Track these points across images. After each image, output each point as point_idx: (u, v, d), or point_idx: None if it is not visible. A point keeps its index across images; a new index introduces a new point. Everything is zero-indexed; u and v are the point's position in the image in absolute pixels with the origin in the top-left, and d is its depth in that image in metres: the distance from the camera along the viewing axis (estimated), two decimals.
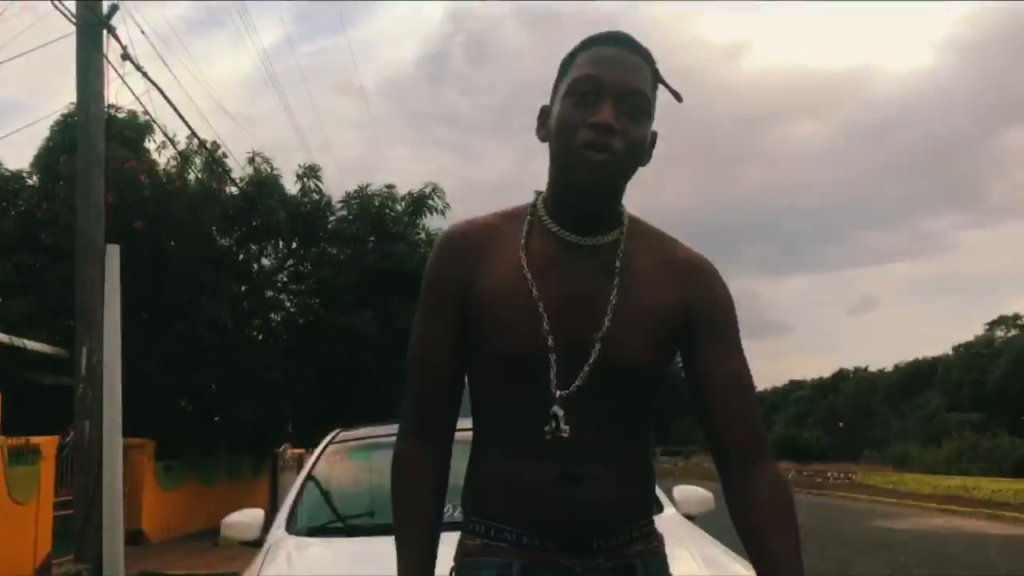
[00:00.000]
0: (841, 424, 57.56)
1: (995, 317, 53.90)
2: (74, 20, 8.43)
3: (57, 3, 8.17)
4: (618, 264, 1.44)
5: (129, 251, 8.52)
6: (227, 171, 14.59)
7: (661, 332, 1.43)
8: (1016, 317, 52.39)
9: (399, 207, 17.13)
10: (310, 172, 15.91)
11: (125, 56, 9.12)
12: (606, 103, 1.36)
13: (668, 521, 3.62)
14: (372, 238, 16.63)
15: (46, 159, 14.82)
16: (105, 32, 8.82)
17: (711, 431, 1.44)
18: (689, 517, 3.88)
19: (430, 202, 17.32)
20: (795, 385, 78.63)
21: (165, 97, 10.41)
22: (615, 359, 1.39)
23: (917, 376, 60.28)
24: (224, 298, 14.13)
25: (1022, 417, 34.51)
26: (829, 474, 32.80)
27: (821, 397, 68.60)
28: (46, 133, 15.10)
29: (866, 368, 68.79)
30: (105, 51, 8.88)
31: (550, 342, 1.38)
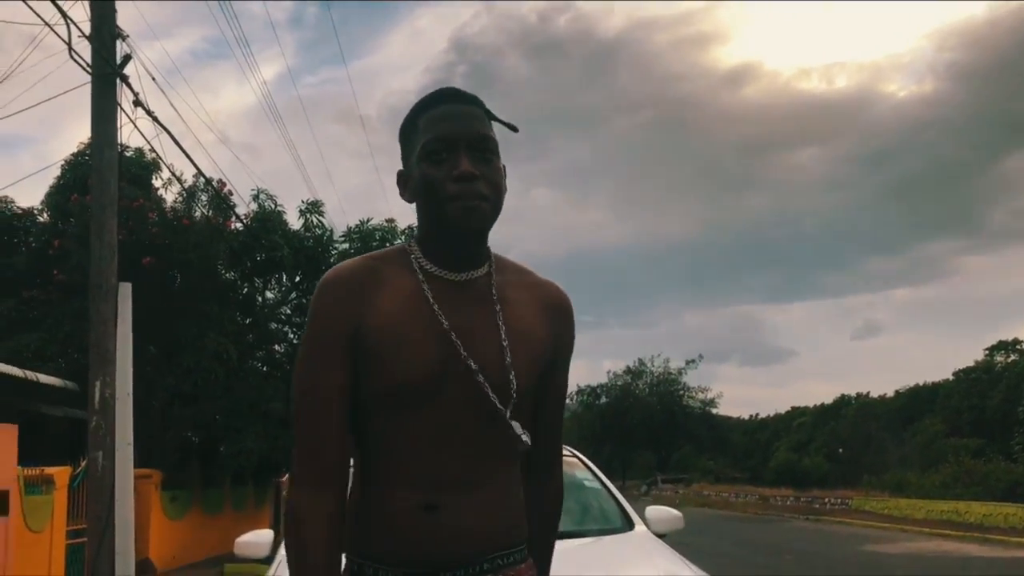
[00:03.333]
0: (841, 450, 57.54)
1: (995, 342, 54.07)
2: (90, 70, 8.87)
3: (74, 54, 8.61)
4: (495, 295, 1.55)
5: (138, 287, 8.89)
6: (232, 207, 15.04)
7: (538, 358, 1.56)
8: (1016, 342, 52.48)
9: (399, 241, 17.54)
10: (312, 208, 16.35)
11: (137, 103, 9.57)
12: (461, 155, 1.48)
13: (638, 538, 4.02)
14: None
15: (57, 197, 15.27)
16: (118, 80, 9.28)
17: (534, 424, 1.61)
18: (660, 535, 4.23)
19: None
20: (797, 411, 78.55)
21: (174, 140, 10.89)
22: (494, 379, 1.49)
23: (918, 402, 60.26)
24: (230, 331, 14.53)
25: (1011, 442, 34.63)
26: (827, 500, 32.93)
27: (822, 423, 68.53)
28: (57, 172, 15.60)
29: (867, 394, 68.82)
30: (118, 98, 9.34)
31: (472, 364, 1.47)
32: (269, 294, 16.96)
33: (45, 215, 15.91)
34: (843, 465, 53.80)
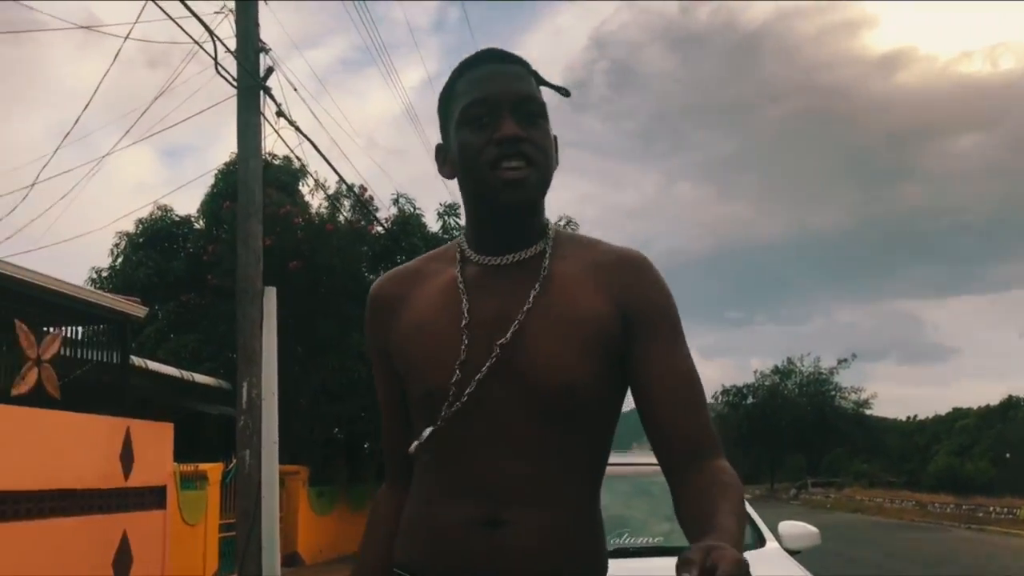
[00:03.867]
0: (1009, 455, 54.11)
1: None
2: (235, 84, 9.26)
3: (220, 69, 9.00)
4: (542, 275, 1.34)
5: (285, 290, 9.23)
6: (375, 211, 15.45)
7: (590, 341, 1.30)
8: None
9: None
10: (450, 210, 16.60)
11: (280, 113, 9.92)
12: (504, 117, 1.31)
13: (768, 556, 3.83)
14: None
15: (211, 205, 16.09)
16: (262, 92, 9.65)
17: (653, 432, 1.32)
18: (793, 552, 4.03)
19: None
20: (959, 413, 74.48)
21: (316, 149, 11.25)
22: (527, 370, 1.28)
23: None
24: None
25: None
26: (992, 509, 30.97)
27: (987, 426, 64.69)
28: (211, 181, 16.43)
29: None
30: (262, 109, 9.72)
31: (462, 356, 1.30)
32: None
33: (201, 222, 16.78)
34: (1011, 471, 50.60)
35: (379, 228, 15.45)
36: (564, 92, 1.44)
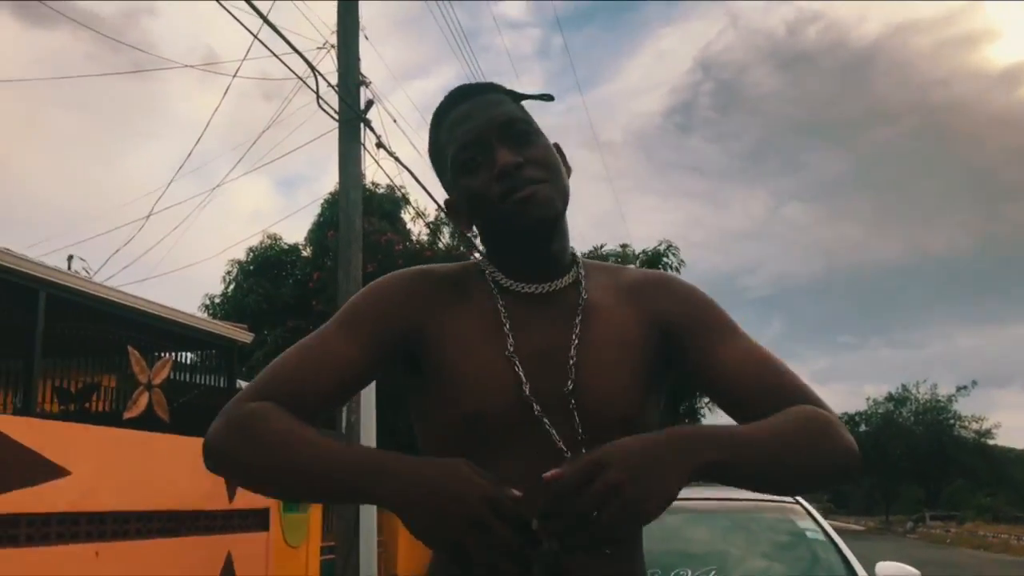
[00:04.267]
0: None
1: None
2: (336, 117, 9.55)
3: (322, 103, 9.30)
4: (580, 305, 1.30)
5: None
6: (473, 237, 15.62)
7: (637, 369, 1.28)
8: None
9: (634, 266, 17.52)
10: None
11: (379, 145, 10.18)
12: (496, 149, 1.27)
13: None
14: None
15: (317, 233, 16.61)
16: (362, 125, 9.92)
17: (736, 411, 1.26)
18: None
19: (664, 260, 17.59)
20: None
21: (415, 178, 11.45)
22: (583, 403, 1.23)
23: None
24: None
25: None
26: None
27: None
28: (317, 210, 16.96)
29: None
30: (363, 140, 9.99)
31: (526, 391, 1.22)
32: None
33: (308, 250, 17.31)
34: None
35: (476, 254, 15.63)
36: (547, 97, 1.39)
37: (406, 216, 16.90)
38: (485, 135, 1.27)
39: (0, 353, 7.65)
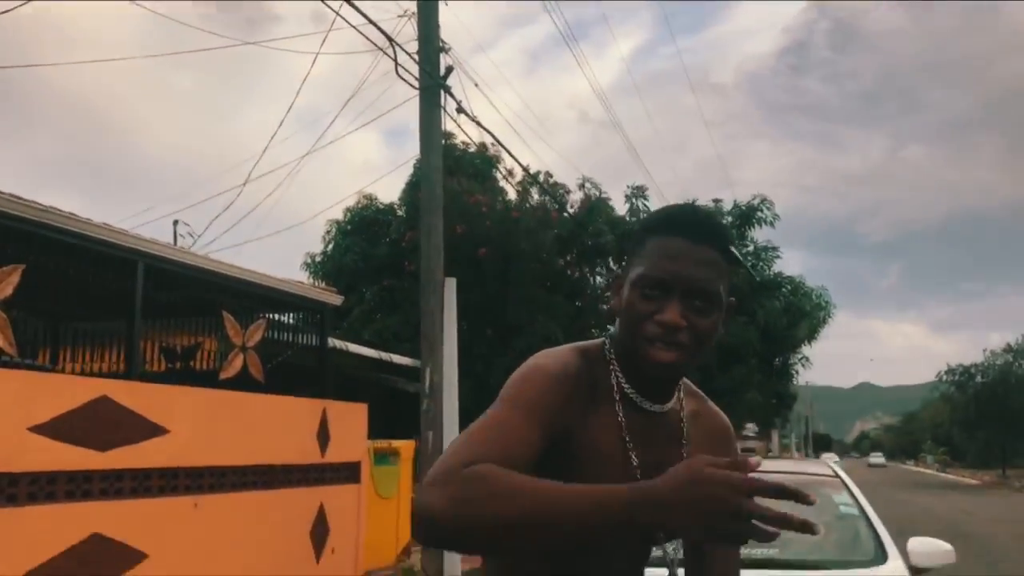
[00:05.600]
0: None
1: None
2: (416, 85, 9.78)
3: (400, 70, 9.53)
4: (684, 431, 1.55)
5: (475, 276, 9.73)
6: (561, 195, 15.74)
7: None
8: None
9: (726, 220, 17.33)
10: (638, 192, 16.65)
11: (460, 110, 10.38)
12: (672, 302, 1.39)
13: (888, 573, 3.71)
14: None
15: (410, 194, 16.94)
16: (442, 91, 10.13)
17: None
18: (921, 570, 3.88)
19: (759, 214, 17.34)
20: None
21: (498, 142, 11.60)
22: None
23: None
24: (559, 315, 15.29)
25: None
26: None
27: None
28: (410, 170, 17.28)
29: None
30: (443, 107, 10.20)
31: None
32: (599, 279, 17.57)
33: (402, 210, 17.69)
34: None
35: (564, 214, 15.75)
36: (752, 276, 1.57)
37: (499, 175, 17.12)
38: (675, 285, 1.40)
39: (105, 318, 8.24)
